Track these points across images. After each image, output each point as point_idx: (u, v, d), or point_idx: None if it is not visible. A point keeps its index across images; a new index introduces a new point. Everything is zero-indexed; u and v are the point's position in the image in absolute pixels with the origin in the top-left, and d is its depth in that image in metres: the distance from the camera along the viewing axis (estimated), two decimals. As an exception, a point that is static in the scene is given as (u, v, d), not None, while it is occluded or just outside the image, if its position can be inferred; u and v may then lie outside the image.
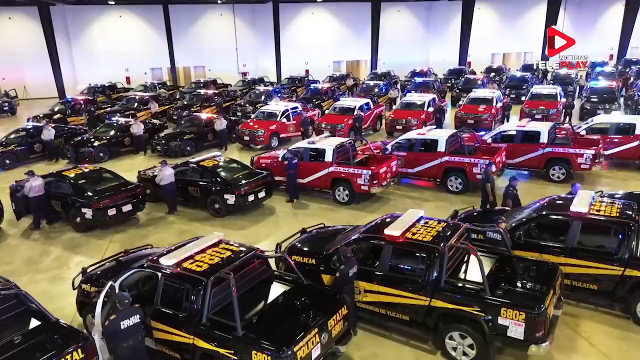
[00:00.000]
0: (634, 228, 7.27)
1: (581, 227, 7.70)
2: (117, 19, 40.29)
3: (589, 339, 7.14)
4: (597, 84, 25.14)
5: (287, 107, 20.74)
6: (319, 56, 44.01)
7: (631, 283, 7.22)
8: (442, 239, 6.85)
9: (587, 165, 13.64)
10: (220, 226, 11.81)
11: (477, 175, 13.08)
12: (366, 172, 12.39)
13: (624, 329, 7.28)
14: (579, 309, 7.83)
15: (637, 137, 14.80)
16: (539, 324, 5.94)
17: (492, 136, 15.25)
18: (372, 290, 7.09)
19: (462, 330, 6.44)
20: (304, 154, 13.53)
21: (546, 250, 7.86)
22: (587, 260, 7.52)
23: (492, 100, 22.06)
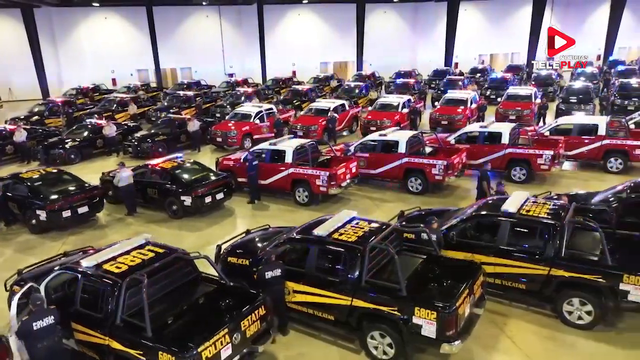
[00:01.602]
0: (559, 229, 7.37)
1: (510, 228, 7.82)
2: (103, 20, 40.34)
3: (513, 337, 7.23)
4: (574, 84, 25.32)
5: (261, 108, 20.83)
6: (306, 57, 44.15)
7: (556, 282, 7.33)
8: (365, 239, 6.95)
9: (547, 166, 13.76)
10: (177, 228, 11.91)
11: (436, 176, 13.23)
12: (324, 174, 12.48)
13: (551, 329, 7.37)
14: (511, 308, 7.92)
15: (600, 137, 14.96)
16: (449, 322, 6.03)
17: (456, 137, 15.36)
18: (300, 291, 7.17)
19: (381, 330, 6.54)
20: (265, 156, 13.62)
21: (478, 250, 7.96)
22: (516, 260, 7.62)
23: (466, 101, 22.22)
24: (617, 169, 14.70)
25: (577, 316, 7.27)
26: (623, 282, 6.82)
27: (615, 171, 14.68)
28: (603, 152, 14.87)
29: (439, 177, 13.19)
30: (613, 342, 6.99)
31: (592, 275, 7.03)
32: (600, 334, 7.17)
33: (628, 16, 47.22)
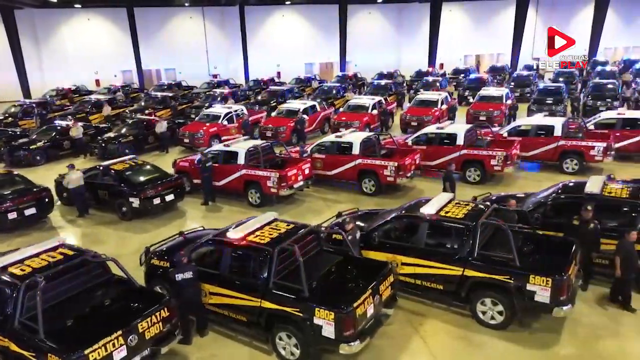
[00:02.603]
0: (472, 229, 7.46)
1: (428, 229, 7.90)
2: (86, 22, 40.38)
3: (425, 338, 7.31)
4: (547, 85, 25.43)
5: (230, 109, 20.89)
6: (291, 58, 44.22)
7: (470, 283, 7.42)
8: (277, 241, 7.02)
9: (499, 167, 13.85)
10: (124, 229, 11.97)
11: (388, 178, 13.31)
12: (274, 175, 12.55)
13: (466, 329, 7.46)
14: (431, 309, 8.01)
15: (556, 138, 15.06)
16: (347, 323, 6.11)
17: (414, 139, 15.45)
18: (215, 293, 7.25)
19: (288, 331, 6.61)
20: (219, 157, 13.68)
21: (398, 251, 8.04)
22: (433, 260, 7.71)
23: (437, 102, 22.31)
24: (573, 169, 14.80)
25: (490, 316, 7.36)
26: (530, 282, 6.90)
27: (570, 172, 14.79)
28: (559, 153, 15.00)
29: (391, 179, 13.27)
30: (523, 342, 7.07)
31: (502, 275, 7.12)
32: (512, 334, 7.25)
33: (613, 17, 47.50)
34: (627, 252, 7.35)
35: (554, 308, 6.83)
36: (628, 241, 7.39)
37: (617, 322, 7.50)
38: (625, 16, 49.15)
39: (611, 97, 23.46)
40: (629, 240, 7.37)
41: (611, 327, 7.37)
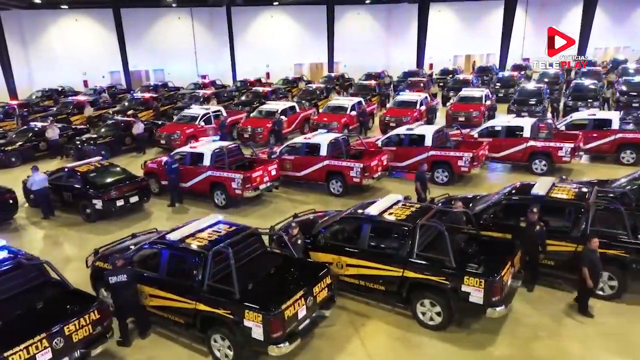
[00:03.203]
0: (412, 231, 7.49)
1: (371, 230, 7.94)
2: (74, 22, 40.34)
3: (365, 338, 7.35)
4: (527, 86, 25.50)
5: (208, 110, 20.91)
6: (280, 59, 44.27)
7: (409, 284, 7.46)
8: (215, 243, 7.05)
9: (466, 167, 13.91)
10: (87, 231, 11.98)
11: (354, 179, 13.35)
12: (238, 176, 12.58)
13: (406, 330, 7.50)
14: (375, 310, 8.05)
15: (525, 139, 15.11)
16: (275, 325, 6.14)
17: (384, 140, 15.51)
18: (155, 295, 7.28)
19: (221, 333, 6.65)
20: (185, 159, 13.70)
21: (343, 252, 8.08)
22: (375, 262, 7.74)
23: (416, 103, 22.35)
24: (542, 170, 14.85)
25: (429, 317, 7.40)
26: (464, 283, 6.94)
27: (540, 173, 14.82)
28: (528, 154, 15.05)
29: (357, 180, 13.30)
30: (460, 343, 7.12)
31: (438, 277, 7.16)
32: (451, 334, 7.30)
33: (603, 17, 47.63)
34: (591, 261, 7.22)
35: (488, 309, 6.88)
36: (590, 249, 7.25)
37: (559, 323, 7.54)
38: (615, 16, 49.29)
39: (592, 97, 23.51)
40: (591, 248, 7.23)
41: (551, 328, 7.41)
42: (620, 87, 25.74)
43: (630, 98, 23.65)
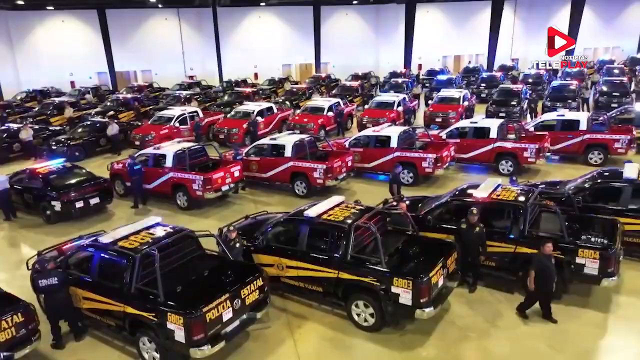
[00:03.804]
0: (347, 232, 7.51)
1: (309, 232, 7.96)
2: (60, 23, 40.25)
3: (298, 340, 7.38)
4: (507, 86, 25.53)
5: (184, 111, 20.92)
6: (268, 59, 44.19)
7: (344, 285, 7.48)
8: (145, 246, 7.06)
9: (430, 168, 13.94)
10: (45, 233, 11.96)
11: (318, 180, 13.37)
12: (199, 178, 12.60)
13: (341, 331, 7.52)
14: (314, 311, 8.08)
15: (492, 140, 15.14)
16: (196, 327, 6.15)
17: (351, 141, 15.54)
18: (88, 298, 7.29)
19: (148, 336, 6.67)
20: (149, 160, 13.72)
21: (283, 254, 8.11)
22: (312, 263, 7.76)
23: (393, 104, 22.39)
24: (508, 171, 14.86)
25: (364, 318, 7.43)
26: (394, 285, 6.97)
27: (506, 173, 14.83)
28: (495, 155, 15.09)
29: (320, 181, 13.33)
30: (390, 344, 7.15)
31: (370, 278, 7.18)
32: (384, 335, 7.33)
33: (592, 17, 47.67)
34: (541, 266, 7.18)
35: (416, 310, 6.90)
36: (543, 254, 7.20)
37: (492, 324, 7.57)
38: (604, 16, 49.28)
39: (570, 98, 23.56)
40: (544, 253, 7.19)
41: (483, 329, 7.45)
42: (601, 87, 25.85)
43: (610, 99, 23.74)
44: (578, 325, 7.41)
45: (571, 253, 7.64)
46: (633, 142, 15.23)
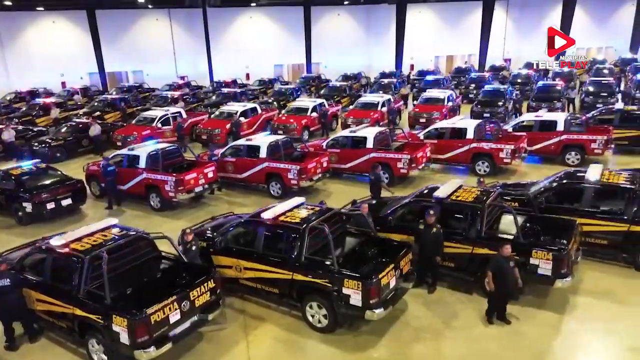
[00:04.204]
0: (301, 233, 7.52)
1: (265, 234, 7.96)
2: (51, 24, 40.22)
3: (252, 342, 7.38)
4: (491, 87, 25.53)
5: (167, 112, 20.92)
6: (260, 60, 44.15)
7: (297, 287, 7.49)
8: (95, 249, 7.05)
9: (405, 169, 13.96)
10: (15, 235, 11.92)
11: (292, 181, 13.37)
12: (171, 179, 12.59)
13: (296, 333, 7.53)
14: (273, 313, 8.07)
15: (468, 141, 15.16)
16: (139, 329, 6.15)
17: (329, 142, 15.54)
18: (41, 300, 7.28)
19: (96, 337, 6.67)
20: (123, 161, 13.71)
21: (241, 255, 8.11)
22: (269, 265, 7.76)
23: (377, 104, 22.41)
24: (485, 171, 14.87)
25: (318, 320, 7.43)
26: (345, 286, 6.97)
27: (482, 174, 14.81)
28: (471, 156, 15.11)
29: (294, 182, 13.33)
30: (343, 345, 7.16)
31: (322, 279, 7.19)
32: (338, 337, 7.35)
33: (585, 17, 47.76)
34: (499, 267, 7.17)
35: (366, 311, 6.91)
36: (501, 256, 7.19)
37: (447, 325, 7.58)
38: (597, 16, 49.33)
39: (556, 98, 23.59)
40: (502, 255, 7.18)
41: (438, 330, 7.46)
42: (587, 87, 25.88)
43: (596, 99, 23.77)
44: (532, 326, 7.42)
45: (525, 254, 7.65)
46: (610, 142, 15.27)
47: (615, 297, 8.08)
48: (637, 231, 8.62)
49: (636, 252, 8.72)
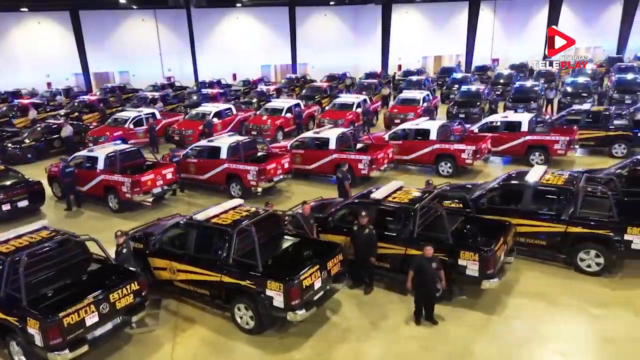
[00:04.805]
0: (230, 235, 7.54)
1: (197, 235, 7.99)
2: (36, 25, 40.19)
3: (178, 344, 7.39)
4: (470, 88, 25.55)
5: (140, 113, 20.92)
6: (247, 60, 44.14)
7: (226, 288, 7.51)
8: (20, 250, 7.06)
9: (366, 170, 13.99)
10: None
11: (251, 182, 13.38)
12: (127, 180, 12.60)
13: (223, 334, 7.57)
14: (206, 315, 8.08)
15: (432, 142, 15.19)
16: (51, 332, 6.16)
17: (292, 144, 15.57)
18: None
19: (15, 340, 6.67)
20: (83, 162, 13.72)
21: (174, 257, 8.12)
22: (199, 267, 7.78)
23: (352, 105, 22.44)
24: (448, 172, 14.92)
25: (245, 321, 7.45)
26: (267, 288, 7.00)
27: (445, 175, 14.88)
28: (435, 156, 15.14)
29: (253, 183, 13.35)
30: (268, 347, 7.18)
31: (247, 281, 7.21)
32: (265, 338, 7.36)
33: (573, 17, 47.89)
34: (420, 267, 7.22)
35: (288, 313, 6.93)
36: (423, 256, 7.24)
37: (375, 325, 7.60)
38: (585, 17, 49.43)
39: (532, 99, 23.62)
40: (424, 256, 7.22)
41: (364, 331, 7.48)
42: (565, 88, 25.95)
43: (573, 99, 23.81)
44: (458, 327, 7.44)
45: (454, 255, 7.69)
46: (573, 143, 15.31)
47: (547, 298, 8.11)
48: (574, 232, 8.68)
49: (573, 253, 8.77)
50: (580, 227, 8.63)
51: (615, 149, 16.16)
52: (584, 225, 8.62)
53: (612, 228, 8.41)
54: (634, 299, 7.99)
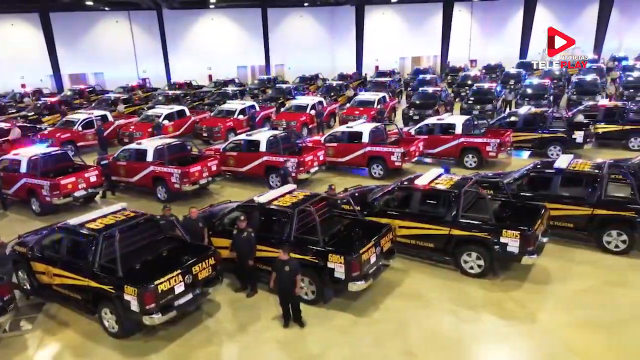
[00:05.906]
0: (97, 241, 7.59)
1: (68, 241, 8.06)
2: (10, 27, 40.14)
3: (43, 346, 7.45)
4: (423, 89, 25.62)
5: (90, 115, 20.93)
6: (223, 62, 44.10)
7: (93, 293, 7.55)
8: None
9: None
10: None
11: (175, 185, 13.40)
12: (46, 183, 12.60)
13: (91, 339, 7.60)
14: (82, 318, 8.10)
15: (363, 145, 15.25)
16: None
17: (226, 146, 15.61)
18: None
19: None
20: (8, 165, 13.74)
21: (50, 262, 8.17)
22: (69, 271, 7.82)
23: (306, 107, 22.53)
24: (379, 174, 14.99)
25: (111, 325, 7.48)
26: (125, 292, 7.02)
27: (377, 177, 14.91)
28: (367, 159, 15.22)
29: (177, 186, 13.34)
30: (130, 351, 7.25)
31: (109, 286, 7.26)
32: (131, 342, 7.42)
33: (550, 18, 47.95)
34: (276, 270, 7.37)
35: (143, 317, 6.98)
36: (278, 259, 7.35)
37: (243, 329, 7.67)
38: (562, 17, 49.49)
39: (490, 100, 23.72)
40: (280, 259, 7.32)
41: (230, 335, 7.56)
42: (524, 89, 26.04)
43: (529, 100, 23.93)
44: (324, 330, 7.51)
45: (323, 258, 7.76)
46: (505, 145, 15.41)
47: (423, 300, 8.19)
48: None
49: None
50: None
51: (550, 151, 16.28)
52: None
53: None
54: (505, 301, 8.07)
